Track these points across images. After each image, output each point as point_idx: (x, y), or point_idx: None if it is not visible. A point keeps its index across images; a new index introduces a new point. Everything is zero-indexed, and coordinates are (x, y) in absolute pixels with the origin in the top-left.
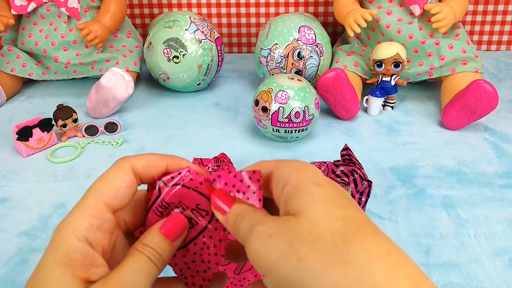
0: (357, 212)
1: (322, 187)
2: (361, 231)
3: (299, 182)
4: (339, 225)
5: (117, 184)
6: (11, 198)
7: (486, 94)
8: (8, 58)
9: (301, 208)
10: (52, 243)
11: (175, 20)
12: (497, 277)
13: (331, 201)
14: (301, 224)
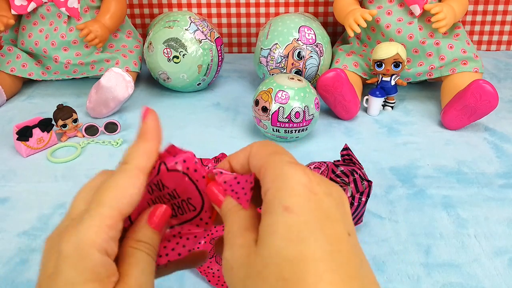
0: (315, 246)
1: (289, 213)
2: (305, 276)
3: (271, 201)
4: (285, 269)
5: (132, 192)
6: (11, 198)
7: (486, 94)
8: (8, 58)
9: (262, 239)
10: (73, 258)
11: (175, 20)
12: (497, 277)
13: (290, 233)
14: (256, 262)
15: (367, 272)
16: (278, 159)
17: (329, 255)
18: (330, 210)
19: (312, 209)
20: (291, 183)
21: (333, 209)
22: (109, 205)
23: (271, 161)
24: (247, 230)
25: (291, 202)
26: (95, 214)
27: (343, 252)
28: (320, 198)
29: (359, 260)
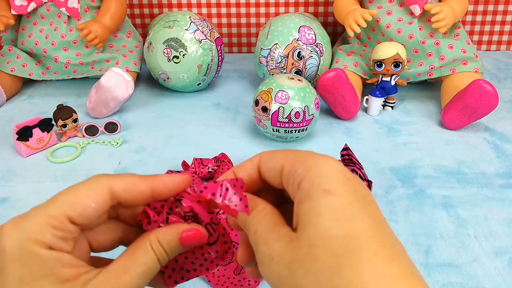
0: (363, 224)
1: (331, 195)
2: (358, 251)
3: (309, 188)
4: (336, 245)
5: (87, 203)
6: (11, 198)
7: (486, 94)
8: (8, 58)
9: (304, 223)
10: (18, 255)
11: (175, 20)
12: (497, 277)
13: (336, 213)
14: (301, 245)
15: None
16: (305, 153)
17: (379, 232)
18: (365, 194)
19: (352, 192)
20: (327, 169)
21: (367, 194)
22: (59, 207)
23: (299, 156)
24: (275, 226)
25: (331, 186)
26: (41, 213)
27: (387, 231)
28: (354, 184)
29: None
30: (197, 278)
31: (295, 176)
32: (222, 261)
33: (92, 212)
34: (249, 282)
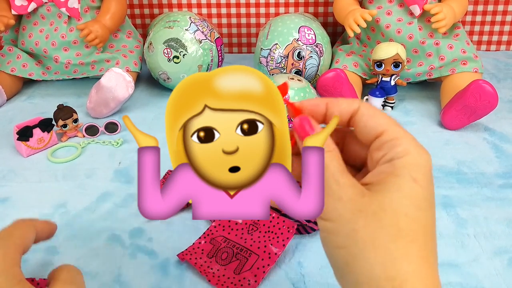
0: (426, 219)
1: (415, 184)
2: (414, 235)
3: (401, 169)
4: (402, 220)
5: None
6: (12, 198)
7: (486, 94)
8: (9, 58)
9: (384, 190)
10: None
11: (175, 20)
12: (497, 277)
13: (413, 198)
14: (372, 203)
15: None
16: (408, 134)
17: (434, 228)
18: (433, 195)
19: (431, 190)
20: (422, 162)
21: (434, 195)
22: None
23: (402, 133)
24: (345, 172)
25: (419, 177)
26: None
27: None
28: (432, 184)
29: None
30: (197, 278)
31: (392, 151)
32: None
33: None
34: (249, 281)
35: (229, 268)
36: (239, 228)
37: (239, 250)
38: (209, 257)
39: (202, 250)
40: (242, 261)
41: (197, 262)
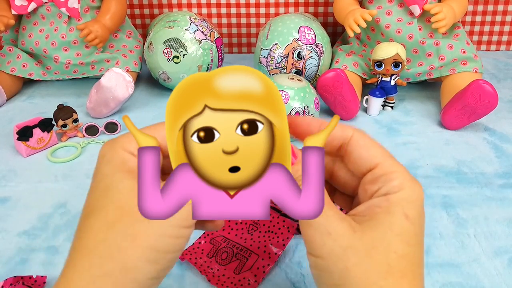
0: (414, 254)
1: (407, 221)
2: (403, 271)
3: (395, 204)
4: (392, 258)
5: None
6: (11, 198)
7: (486, 94)
8: (9, 58)
9: (376, 226)
10: (104, 157)
11: (175, 20)
12: (497, 277)
13: (403, 235)
14: (363, 239)
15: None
16: (403, 168)
17: (422, 261)
18: (423, 226)
19: (421, 225)
20: (415, 197)
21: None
22: (149, 129)
23: (397, 166)
24: (331, 204)
25: (411, 213)
26: (128, 134)
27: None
28: (423, 216)
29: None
30: (197, 277)
31: (386, 185)
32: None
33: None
34: (249, 281)
35: (229, 268)
36: (239, 228)
37: (239, 250)
38: (209, 257)
39: (202, 250)
40: (242, 261)
41: (197, 262)
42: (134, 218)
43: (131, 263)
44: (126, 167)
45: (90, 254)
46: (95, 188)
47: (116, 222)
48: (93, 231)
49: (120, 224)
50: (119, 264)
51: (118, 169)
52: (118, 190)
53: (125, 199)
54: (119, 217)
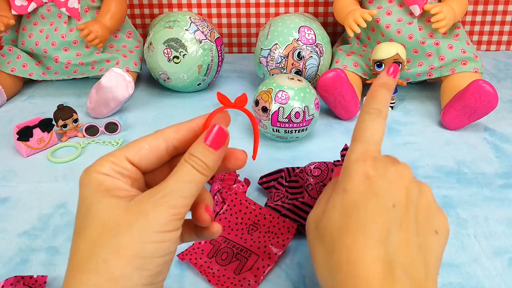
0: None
1: (345, 193)
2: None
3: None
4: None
5: (141, 145)
6: (11, 198)
7: (486, 94)
8: (9, 58)
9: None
10: (82, 182)
11: (175, 20)
12: (497, 277)
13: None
14: (321, 226)
15: (397, 239)
16: (351, 148)
17: (364, 225)
18: (379, 189)
19: (362, 191)
20: (351, 173)
21: (382, 188)
22: (119, 149)
23: (349, 149)
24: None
25: (348, 186)
26: (107, 155)
27: (378, 222)
28: (373, 181)
29: (394, 228)
30: (197, 278)
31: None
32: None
33: (147, 153)
34: (249, 282)
35: (229, 268)
36: (239, 228)
37: (239, 251)
38: (209, 257)
39: (202, 250)
40: (242, 261)
41: (197, 262)
42: (116, 231)
43: (117, 273)
44: (102, 187)
45: (80, 271)
46: (78, 211)
47: (99, 238)
48: (80, 250)
49: (103, 239)
50: (106, 275)
51: (95, 191)
52: (98, 209)
53: (105, 216)
54: (102, 233)
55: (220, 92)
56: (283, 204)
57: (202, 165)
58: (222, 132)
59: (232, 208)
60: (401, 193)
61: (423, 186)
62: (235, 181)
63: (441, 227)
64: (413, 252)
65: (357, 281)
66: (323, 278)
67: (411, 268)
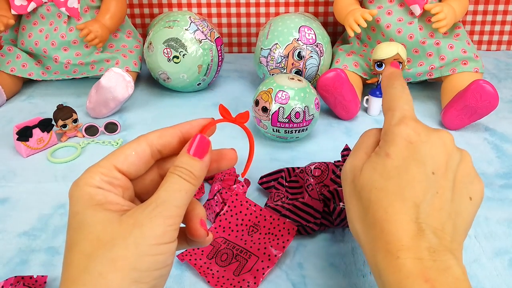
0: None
1: (387, 158)
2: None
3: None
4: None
5: (127, 152)
6: (11, 198)
7: (487, 94)
8: (8, 58)
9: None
10: (73, 197)
11: (175, 20)
12: (497, 277)
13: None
14: (360, 180)
15: (431, 204)
16: (389, 116)
17: (402, 190)
18: (421, 155)
19: (404, 156)
20: (394, 137)
21: (424, 154)
22: (105, 159)
23: (385, 118)
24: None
25: (391, 151)
26: (95, 166)
27: (416, 187)
28: (415, 146)
29: (430, 194)
30: (196, 278)
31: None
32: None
33: (134, 159)
34: (249, 283)
35: (228, 270)
36: (239, 229)
37: (239, 252)
38: (209, 258)
39: (202, 251)
40: (242, 262)
41: (197, 263)
42: (111, 244)
43: (114, 286)
44: (94, 201)
45: (74, 284)
46: (70, 226)
47: (94, 251)
48: (74, 263)
49: (98, 253)
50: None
51: (87, 205)
52: (91, 223)
53: (99, 230)
54: (96, 246)
55: (223, 105)
56: (283, 204)
57: (189, 174)
58: (205, 140)
59: (232, 209)
60: (442, 160)
61: (464, 153)
62: (235, 181)
63: (476, 194)
64: (444, 216)
65: (389, 237)
66: (357, 229)
67: (440, 231)
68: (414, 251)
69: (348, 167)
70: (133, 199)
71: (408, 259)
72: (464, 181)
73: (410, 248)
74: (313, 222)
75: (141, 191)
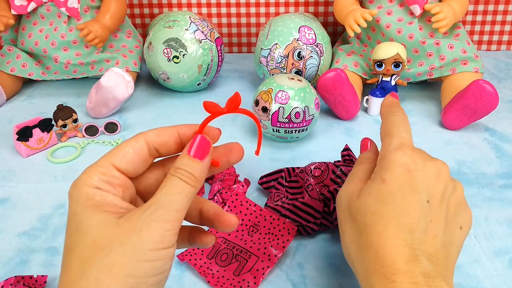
0: (390, 207)
1: (383, 183)
2: (376, 225)
3: (375, 173)
4: (368, 217)
5: (125, 150)
6: (11, 198)
7: (486, 94)
8: (8, 58)
9: (361, 195)
10: (72, 197)
11: (175, 20)
12: (497, 277)
13: (378, 196)
14: (355, 206)
15: (426, 231)
16: (387, 142)
17: (397, 215)
18: (417, 183)
19: (400, 183)
20: (390, 163)
21: (420, 182)
22: (103, 158)
23: (383, 144)
24: (360, 180)
25: (387, 176)
26: (93, 165)
27: (411, 214)
28: (412, 174)
29: (424, 222)
30: (196, 278)
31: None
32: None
33: (132, 156)
34: (248, 283)
35: (228, 270)
36: (239, 229)
37: (239, 252)
38: (209, 258)
39: (202, 251)
40: (242, 262)
41: (197, 263)
42: (108, 249)
43: None
44: (92, 202)
45: None
46: (69, 227)
47: (91, 256)
48: (72, 268)
49: (95, 258)
50: None
51: (85, 206)
52: (88, 226)
53: (96, 234)
54: (93, 251)
55: (206, 101)
56: (283, 204)
57: (189, 176)
58: (205, 141)
59: (232, 209)
60: (437, 190)
61: (457, 183)
62: (235, 181)
63: (466, 223)
64: (438, 244)
65: (384, 260)
66: (350, 252)
67: (434, 257)
68: (409, 275)
69: (343, 193)
70: (134, 199)
71: (404, 283)
72: (455, 211)
73: (405, 273)
74: (313, 222)
75: (145, 191)
